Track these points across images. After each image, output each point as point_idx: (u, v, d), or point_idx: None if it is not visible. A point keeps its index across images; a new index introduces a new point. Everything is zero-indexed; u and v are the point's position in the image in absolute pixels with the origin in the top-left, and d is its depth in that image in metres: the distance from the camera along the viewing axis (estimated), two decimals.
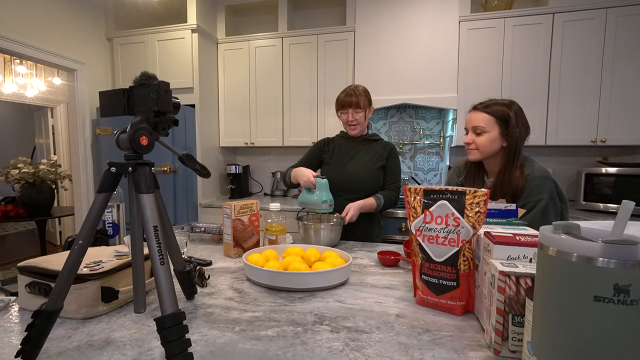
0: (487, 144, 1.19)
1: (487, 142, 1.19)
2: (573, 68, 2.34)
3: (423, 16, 2.52)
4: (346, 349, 0.62)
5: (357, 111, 1.55)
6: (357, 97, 1.53)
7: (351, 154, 1.63)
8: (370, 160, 1.59)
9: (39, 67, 3.96)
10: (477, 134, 1.20)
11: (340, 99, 1.57)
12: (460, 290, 0.75)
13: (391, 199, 1.57)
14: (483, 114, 1.19)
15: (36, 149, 4.96)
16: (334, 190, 1.56)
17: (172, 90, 0.63)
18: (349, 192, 1.57)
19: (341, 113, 1.59)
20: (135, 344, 0.63)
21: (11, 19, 2.28)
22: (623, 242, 0.37)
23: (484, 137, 1.19)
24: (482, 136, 1.19)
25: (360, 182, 1.57)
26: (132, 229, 0.65)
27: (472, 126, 1.21)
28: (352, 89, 1.55)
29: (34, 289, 0.74)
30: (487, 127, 1.18)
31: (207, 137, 2.95)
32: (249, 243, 1.24)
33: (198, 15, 2.75)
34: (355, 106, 1.53)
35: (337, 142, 1.68)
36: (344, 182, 1.57)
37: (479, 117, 1.20)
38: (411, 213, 0.83)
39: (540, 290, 0.43)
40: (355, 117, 1.55)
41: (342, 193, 1.57)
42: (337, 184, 1.55)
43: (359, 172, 1.58)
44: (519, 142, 1.18)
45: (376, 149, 1.62)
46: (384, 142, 1.65)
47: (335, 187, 1.56)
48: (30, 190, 2.87)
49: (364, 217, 1.56)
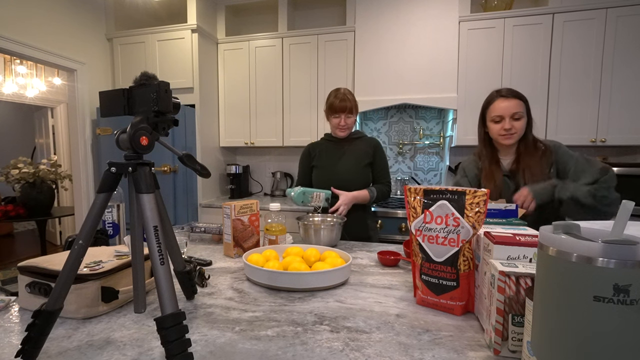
0: (524, 127, 1.27)
1: (524, 125, 1.27)
2: (573, 68, 2.34)
3: (423, 16, 2.52)
4: (346, 349, 0.62)
5: (349, 116, 1.59)
6: (350, 103, 1.57)
7: (338, 155, 1.65)
8: (357, 160, 1.62)
9: (39, 67, 3.96)
10: (516, 120, 1.25)
11: (334, 105, 1.58)
12: (460, 290, 0.75)
13: (384, 192, 1.63)
14: (516, 100, 1.26)
15: (36, 149, 4.96)
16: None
17: (172, 90, 0.63)
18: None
19: (333, 117, 1.61)
20: (135, 344, 0.63)
21: (11, 19, 2.28)
22: (623, 242, 0.36)
23: (522, 122, 1.26)
24: (520, 121, 1.26)
25: (351, 183, 1.59)
26: (132, 229, 0.65)
27: (510, 113, 1.25)
28: (344, 94, 1.58)
29: (34, 289, 0.74)
30: (522, 111, 1.26)
31: (207, 137, 2.95)
32: (249, 243, 1.24)
33: (198, 15, 2.75)
34: (349, 111, 1.57)
35: (322, 146, 1.71)
36: (334, 185, 1.59)
37: (514, 103, 1.25)
38: (411, 213, 0.83)
39: (540, 290, 0.43)
40: (347, 122, 1.59)
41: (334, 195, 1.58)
42: (328, 188, 1.58)
43: (348, 173, 1.61)
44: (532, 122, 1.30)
45: (361, 146, 1.64)
46: (367, 139, 1.68)
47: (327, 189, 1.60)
48: (30, 190, 2.87)
49: (358, 209, 1.59)
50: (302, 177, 1.76)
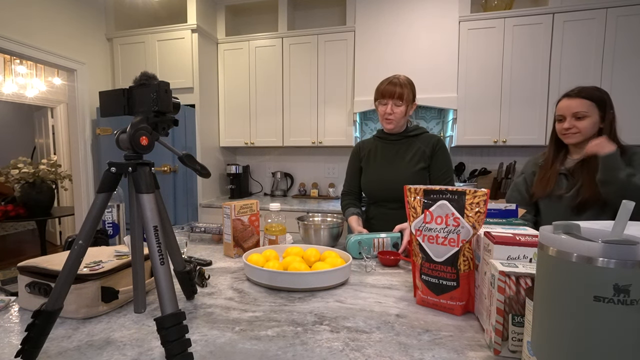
0: (590, 127, 1.24)
1: (590, 125, 1.24)
2: (573, 68, 2.34)
3: (423, 16, 2.52)
4: (346, 349, 0.62)
5: (398, 103, 1.36)
6: (401, 88, 1.34)
7: (387, 157, 1.45)
8: (410, 162, 1.40)
9: (39, 67, 3.96)
10: (578, 119, 1.25)
11: (380, 88, 1.38)
12: (460, 290, 0.75)
13: None
14: (581, 99, 1.24)
15: (36, 149, 4.96)
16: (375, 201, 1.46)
17: (172, 90, 0.63)
18: (391, 201, 1.42)
19: (379, 103, 1.39)
20: (135, 344, 0.63)
21: (11, 19, 2.28)
22: (623, 242, 0.36)
23: (586, 121, 1.24)
24: (584, 120, 1.24)
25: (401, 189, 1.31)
26: (132, 229, 0.65)
27: (571, 112, 1.25)
28: (397, 77, 1.37)
29: (34, 289, 0.74)
30: (588, 111, 1.23)
31: (207, 137, 2.95)
32: (249, 243, 1.24)
33: (198, 16, 2.75)
34: (398, 97, 1.34)
35: (372, 145, 1.51)
36: (383, 191, 1.43)
37: (577, 103, 1.24)
38: (411, 213, 0.83)
39: (540, 290, 0.43)
40: (394, 111, 1.36)
41: (385, 203, 1.44)
42: (376, 194, 1.44)
43: (399, 177, 1.39)
44: (614, 123, 1.26)
45: (417, 146, 1.41)
46: (426, 136, 1.44)
47: (375, 198, 1.46)
48: (30, 190, 2.87)
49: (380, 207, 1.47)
50: (350, 180, 1.56)
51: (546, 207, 1.35)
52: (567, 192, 1.28)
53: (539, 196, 1.35)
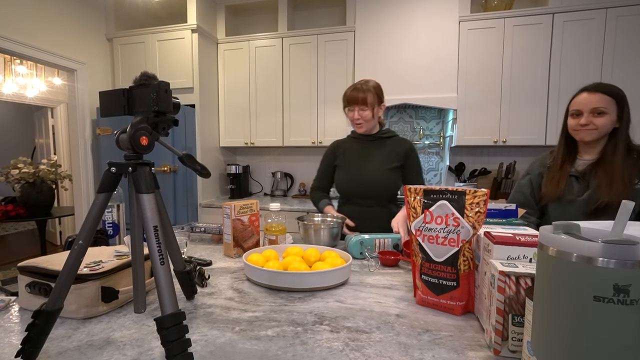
0: (608, 125, 1.16)
1: (609, 122, 1.16)
2: (573, 68, 2.34)
3: (423, 16, 2.52)
4: (346, 349, 0.62)
5: (364, 109, 1.42)
6: (364, 94, 1.40)
7: (363, 156, 1.51)
8: (384, 161, 1.47)
9: (39, 67, 3.96)
10: (597, 115, 1.16)
11: (346, 95, 1.45)
12: (460, 290, 0.75)
13: None
14: (601, 94, 1.16)
15: (36, 149, 4.96)
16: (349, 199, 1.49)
17: (172, 90, 0.63)
18: (364, 198, 1.48)
19: (348, 110, 1.47)
20: (135, 344, 0.63)
21: (11, 19, 2.28)
22: (623, 242, 0.36)
23: (604, 118, 1.15)
24: (602, 117, 1.16)
25: (376, 187, 1.46)
26: (132, 229, 0.65)
27: (591, 107, 1.17)
28: (362, 83, 1.43)
29: (34, 289, 0.74)
30: (608, 107, 1.15)
31: (207, 137, 2.95)
32: (249, 243, 1.24)
33: (198, 16, 2.75)
34: (362, 103, 1.41)
35: (347, 145, 1.57)
36: (357, 188, 1.48)
37: (597, 98, 1.16)
38: (411, 213, 0.83)
39: (540, 291, 0.43)
40: (361, 115, 1.43)
41: (358, 200, 1.49)
42: (351, 191, 1.48)
43: (373, 175, 1.46)
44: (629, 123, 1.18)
45: (391, 147, 1.49)
46: (398, 139, 1.52)
47: (349, 194, 1.50)
48: (30, 190, 2.87)
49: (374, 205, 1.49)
50: (322, 176, 1.63)
51: (555, 211, 1.27)
52: (579, 196, 1.19)
53: (549, 199, 1.26)
